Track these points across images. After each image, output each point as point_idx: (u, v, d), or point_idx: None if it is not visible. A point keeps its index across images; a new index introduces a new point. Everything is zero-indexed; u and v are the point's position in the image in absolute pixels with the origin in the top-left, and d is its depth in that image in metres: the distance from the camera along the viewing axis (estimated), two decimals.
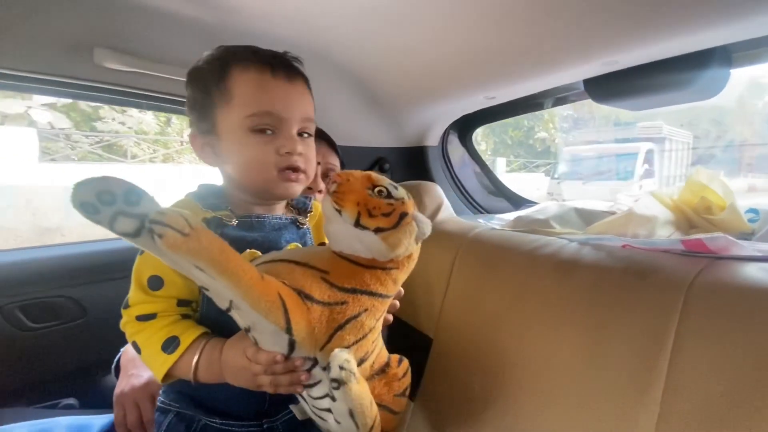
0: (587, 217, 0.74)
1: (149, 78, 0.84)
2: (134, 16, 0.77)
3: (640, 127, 5.82)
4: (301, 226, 0.60)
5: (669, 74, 0.73)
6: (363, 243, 0.47)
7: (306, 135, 0.56)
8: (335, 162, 0.93)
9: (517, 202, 1.31)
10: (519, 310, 0.63)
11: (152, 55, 0.82)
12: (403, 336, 0.66)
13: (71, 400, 0.89)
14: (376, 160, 1.21)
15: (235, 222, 0.54)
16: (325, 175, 0.89)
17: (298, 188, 0.55)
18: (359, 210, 0.45)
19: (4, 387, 0.87)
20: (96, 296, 0.95)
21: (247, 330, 0.44)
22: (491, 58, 0.76)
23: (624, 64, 0.68)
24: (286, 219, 0.59)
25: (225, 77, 0.52)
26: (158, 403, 0.59)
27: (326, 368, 0.44)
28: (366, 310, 0.47)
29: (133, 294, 0.51)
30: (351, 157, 1.16)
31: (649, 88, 0.77)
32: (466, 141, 1.36)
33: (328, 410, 0.47)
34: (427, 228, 0.49)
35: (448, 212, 0.93)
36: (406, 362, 0.56)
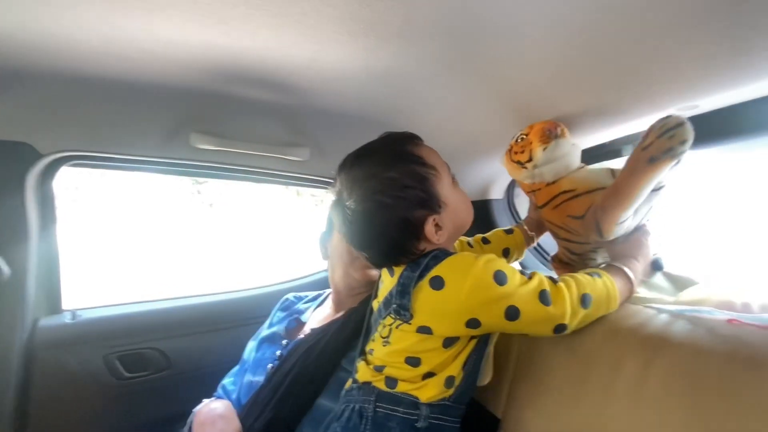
0: (677, 280, 0.63)
1: (233, 154, 0.97)
2: (222, 104, 0.91)
3: None
4: None
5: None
6: None
7: None
8: None
9: None
10: (598, 389, 0.54)
11: (237, 135, 0.95)
12: (467, 410, 0.60)
13: None
14: None
15: None
16: None
17: None
18: None
19: None
20: (180, 349, 1.04)
21: None
22: (541, 112, 0.74)
23: (705, 108, 0.61)
24: None
25: (421, 157, 0.60)
26: None
27: None
28: None
29: None
30: None
31: (747, 129, 0.68)
32: None
33: None
34: None
35: None
36: None
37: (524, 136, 0.71)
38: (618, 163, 0.69)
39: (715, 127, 0.64)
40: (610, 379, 0.53)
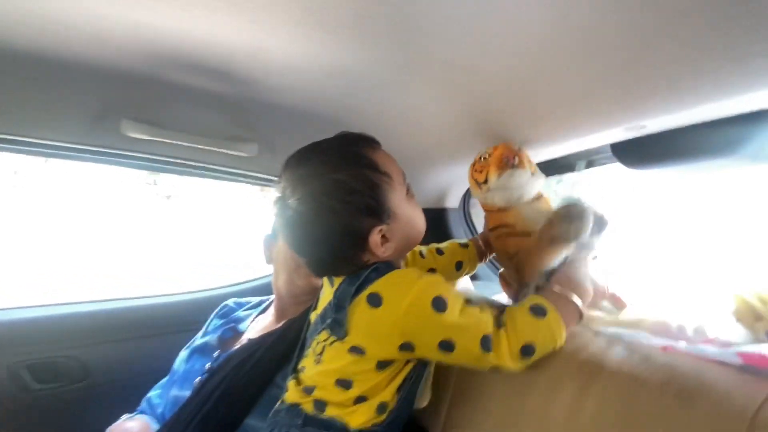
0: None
1: (172, 146, 0.89)
2: (158, 90, 0.82)
3: None
4: None
5: (716, 136, 0.65)
6: None
7: None
8: None
9: None
10: (536, 413, 0.53)
11: (176, 126, 0.87)
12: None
13: None
14: None
15: None
16: None
17: None
18: None
19: None
20: (101, 358, 0.94)
21: None
22: (497, 123, 0.73)
23: (653, 129, 0.61)
24: None
25: (375, 162, 0.56)
26: None
27: None
28: None
29: None
30: None
31: (692, 152, 0.69)
32: None
33: None
34: None
35: (461, 286, 0.85)
36: None
37: (487, 156, 0.70)
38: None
39: (660, 149, 0.64)
40: (547, 404, 0.52)
